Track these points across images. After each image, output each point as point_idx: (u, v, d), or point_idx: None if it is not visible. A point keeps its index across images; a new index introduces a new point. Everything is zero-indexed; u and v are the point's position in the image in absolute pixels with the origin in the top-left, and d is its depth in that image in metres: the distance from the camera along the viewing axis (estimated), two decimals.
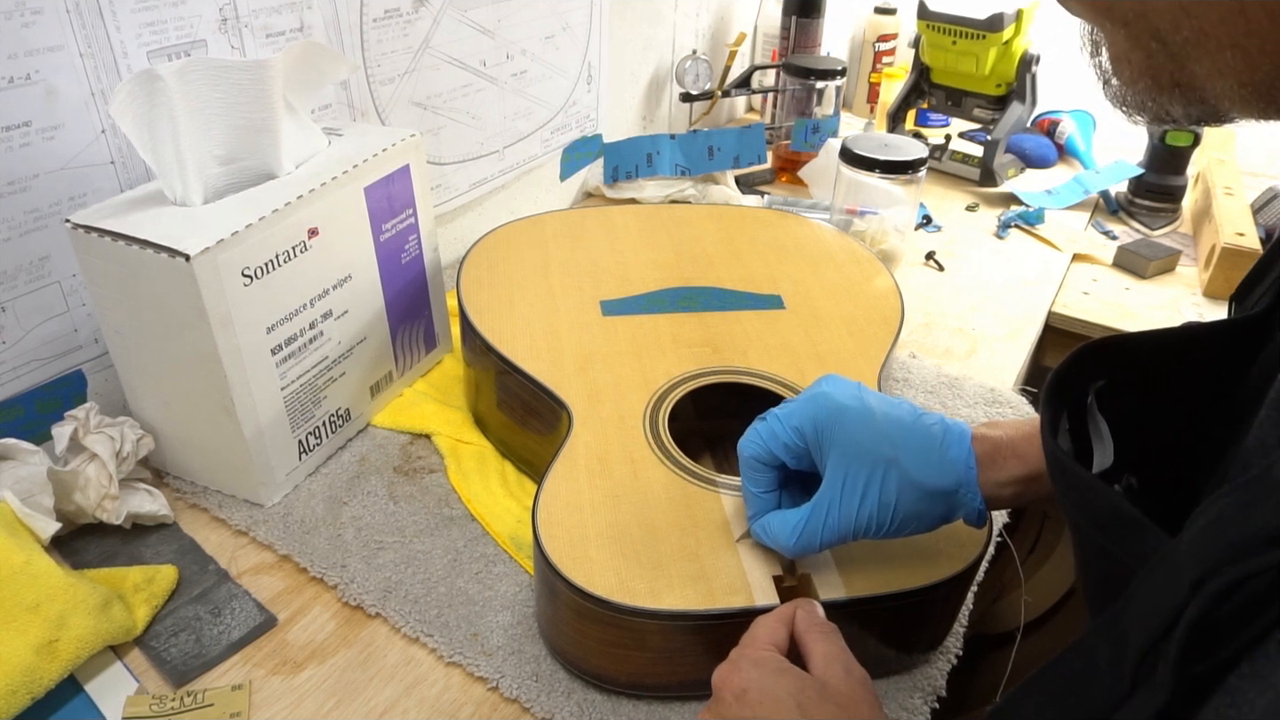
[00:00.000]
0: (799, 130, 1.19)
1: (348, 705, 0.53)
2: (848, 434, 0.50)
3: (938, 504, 0.50)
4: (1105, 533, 0.33)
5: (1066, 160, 1.33)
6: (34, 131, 0.62)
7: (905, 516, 0.49)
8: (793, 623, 0.47)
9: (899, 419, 0.50)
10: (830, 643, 0.45)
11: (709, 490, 0.57)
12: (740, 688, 0.43)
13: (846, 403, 0.51)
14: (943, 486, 0.49)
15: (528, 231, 0.85)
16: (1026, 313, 0.96)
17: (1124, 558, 0.31)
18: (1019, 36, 1.16)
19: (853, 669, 0.45)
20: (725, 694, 0.43)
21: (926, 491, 0.49)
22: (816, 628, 0.46)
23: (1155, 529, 0.30)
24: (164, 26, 0.67)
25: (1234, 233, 0.99)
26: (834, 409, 0.51)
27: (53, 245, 0.65)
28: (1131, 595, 0.29)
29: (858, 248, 0.86)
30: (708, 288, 0.78)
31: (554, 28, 1.04)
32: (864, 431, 0.50)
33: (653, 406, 0.64)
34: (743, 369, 0.68)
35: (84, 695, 0.53)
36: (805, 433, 0.51)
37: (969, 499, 0.50)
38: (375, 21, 0.83)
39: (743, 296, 0.77)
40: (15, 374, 0.66)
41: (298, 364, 0.65)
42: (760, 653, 0.45)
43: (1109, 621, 0.29)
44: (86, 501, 0.60)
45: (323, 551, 0.63)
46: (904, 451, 0.49)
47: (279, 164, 0.64)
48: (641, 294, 0.77)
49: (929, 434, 0.50)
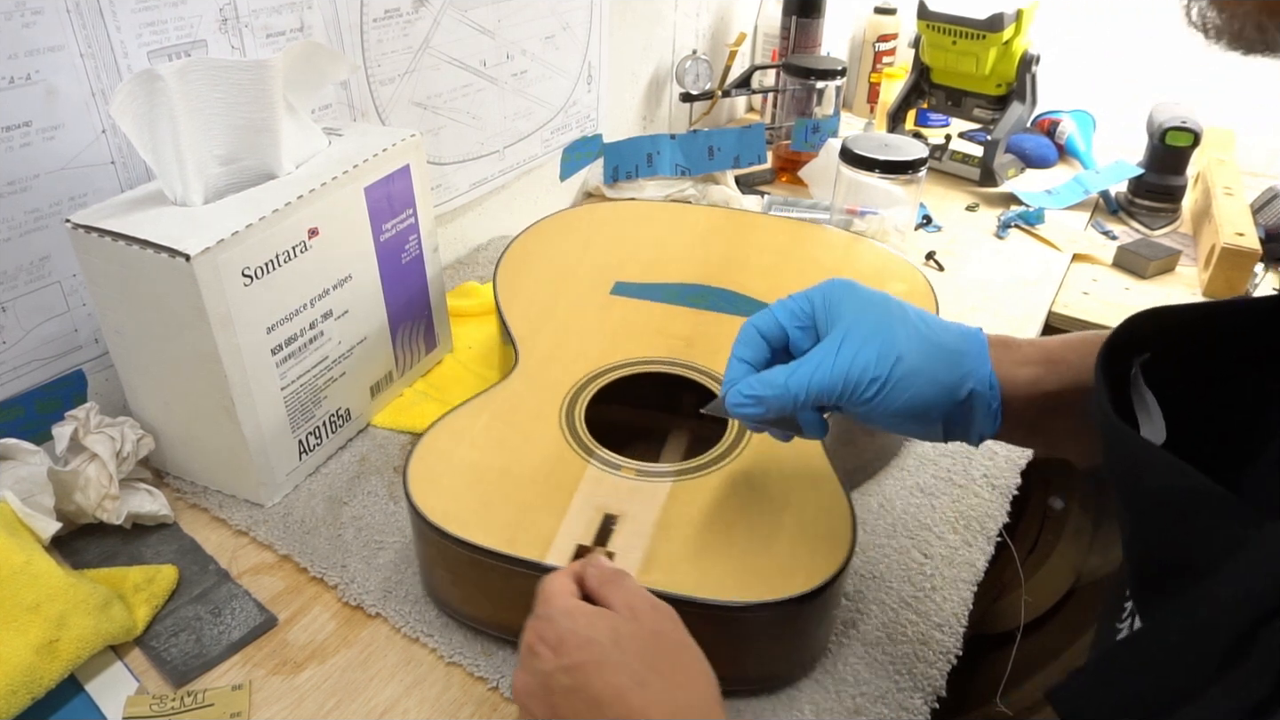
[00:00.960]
0: (799, 130, 1.19)
1: (348, 705, 0.53)
2: (858, 300, 0.48)
3: (944, 364, 0.46)
4: (1169, 510, 0.31)
5: (1066, 160, 1.33)
6: (34, 131, 0.62)
7: (907, 372, 0.45)
8: (583, 580, 0.46)
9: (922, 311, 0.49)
10: (625, 588, 0.45)
11: (581, 459, 0.59)
12: (556, 638, 0.42)
13: (857, 283, 0.50)
14: (950, 343, 0.47)
15: (609, 211, 0.90)
16: (1026, 313, 0.96)
17: (1189, 537, 0.30)
18: (1019, 36, 1.16)
19: (657, 604, 0.44)
20: (540, 648, 0.42)
21: (933, 347, 0.46)
22: (609, 579, 0.46)
23: (1245, 505, 0.29)
24: (164, 26, 0.67)
25: (1234, 233, 0.99)
26: (845, 284, 0.49)
27: (53, 245, 0.65)
28: (1222, 572, 0.27)
29: (918, 280, 0.79)
30: (725, 290, 0.77)
31: (554, 28, 1.04)
32: (873, 297, 0.48)
33: (589, 379, 0.66)
34: (696, 365, 0.68)
35: (84, 695, 0.53)
36: (814, 299, 0.49)
37: (978, 364, 0.47)
38: (375, 21, 0.83)
39: (753, 305, 0.76)
40: (16, 374, 0.66)
41: (298, 364, 0.65)
42: (567, 601, 0.44)
43: (1184, 600, 0.28)
44: (87, 501, 0.60)
45: (323, 551, 0.63)
46: (917, 317, 0.47)
47: (279, 164, 0.64)
48: (659, 283, 0.78)
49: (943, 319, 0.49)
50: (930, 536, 0.65)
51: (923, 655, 0.57)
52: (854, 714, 0.53)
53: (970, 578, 0.63)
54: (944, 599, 0.60)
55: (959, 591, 0.61)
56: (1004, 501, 0.69)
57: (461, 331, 0.86)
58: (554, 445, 0.60)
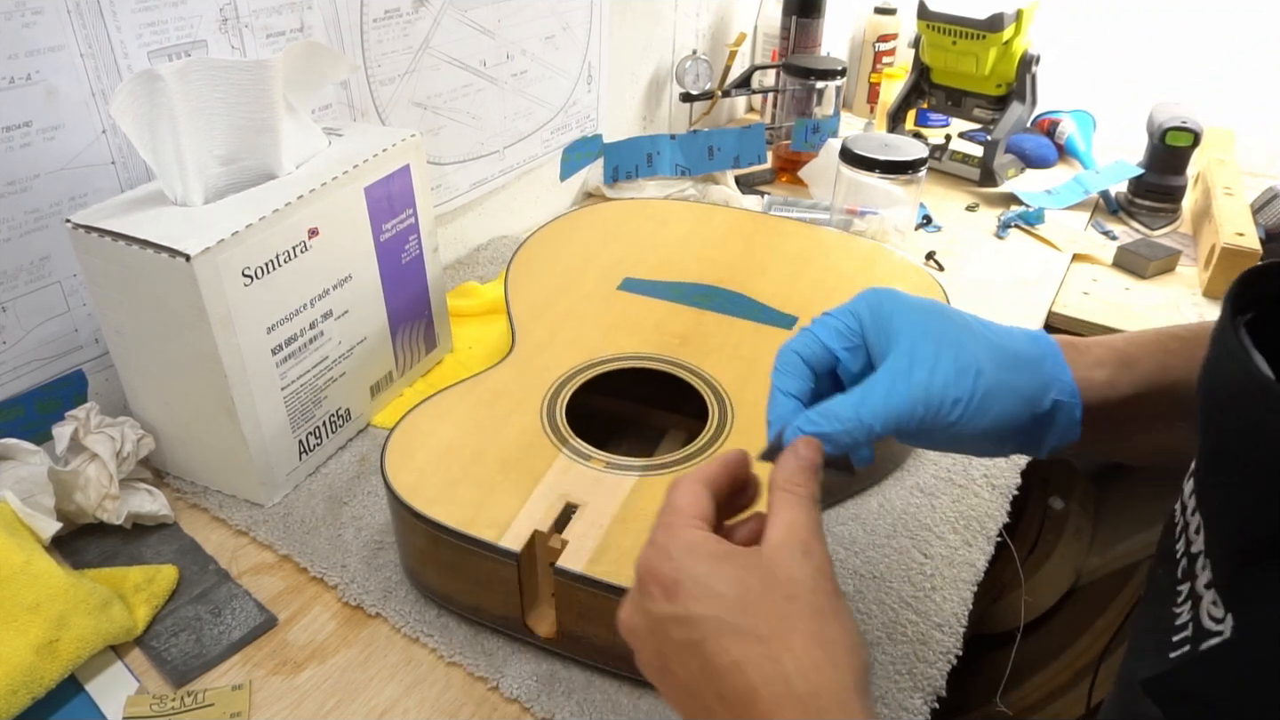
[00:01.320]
0: (799, 130, 1.19)
1: (348, 705, 0.53)
2: (912, 311, 0.43)
3: (1024, 373, 0.42)
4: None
5: (1066, 160, 1.33)
6: (34, 132, 0.62)
7: (990, 388, 0.40)
8: (731, 479, 0.40)
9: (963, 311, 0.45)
10: (798, 509, 0.37)
11: (554, 447, 0.60)
12: (671, 579, 0.35)
13: (900, 291, 0.44)
14: (1023, 350, 0.42)
15: (631, 209, 0.90)
16: (1026, 313, 0.96)
17: None
18: (1019, 36, 1.16)
19: (812, 550, 0.36)
20: (652, 587, 0.36)
21: (1009, 355, 0.42)
22: (791, 484, 0.38)
23: None
24: (164, 27, 0.67)
25: (1234, 233, 0.99)
26: (889, 294, 0.44)
27: (53, 245, 0.65)
28: None
29: (935, 292, 0.77)
30: (733, 292, 0.77)
31: (554, 28, 1.04)
32: (931, 308, 0.43)
33: (576, 370, 0.67)
34: (685, 363, 0.68)
35: (84, 695, 0.53)
36: (861, 315, 0.44)
37: (1058, 371, 0.43)
38: (375, 22, 0.83)
39: (759, 308, 0.75)
40: (16, 374, 0.66)
41: (298, 364, 0.65)
42: (691, 534, 0.37)
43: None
44: (87, 501, 0.60)
45: (323, 551, 0.63)
46: (977, 323, 0.43)
47: (279, 164, 0.64)
48: (667, 281, 0.78)
49: (999, 323, 0.44)
50: (930, 536, 0.65)
51: (923, 655, 0.57)
52: None
53: (970, 578, 0.63)
54: (944, 599, 0.60)
55: (959, 592, 0.61)
56: (1004, 501, 0.69)
57: (461, 332, 0.86)
58: (530, 432, 0.61)
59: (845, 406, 0.41)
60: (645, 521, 0.54)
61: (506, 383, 0.65)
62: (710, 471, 0.40)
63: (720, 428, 0.62)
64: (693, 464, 0.59)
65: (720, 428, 0.62)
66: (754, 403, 0.64)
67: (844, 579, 0.61)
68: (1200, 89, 1.30)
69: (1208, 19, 1.29)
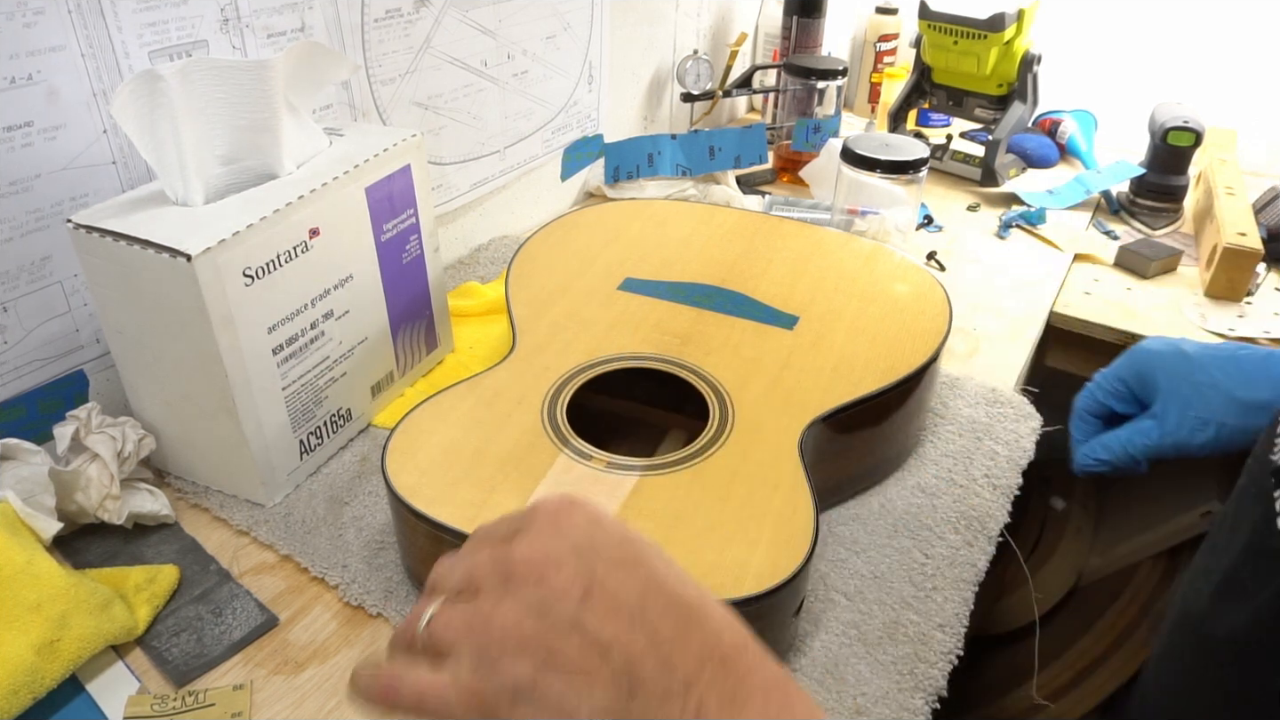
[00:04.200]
0: (800, 130, 1.19)
1: (349, 705, 0.53)
2: (1166, 370, 0.60)
3: (1262, 417, 0.53)
4: None
5: (1068, 160, 1.33)
6: (35, 132, 0.62)
7: (1230, 432, 0.56)
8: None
9: (1216, 351, 0.60)
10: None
11: (554, 446, 0.60)
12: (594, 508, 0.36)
13: (1159, 348, 0.62)
14: (1261, 398, 0.55)
15: (634, 209, 0.90)
16: (1028, 313, 0.96)
17: None
18: (1020, 36, 1.16)
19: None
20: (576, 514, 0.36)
21: (1245, 406, 0.55)
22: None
23: None
24: (165, 27, 0.67)
25: (1236, 233, 0.98)
26: (1147, 354, 0.62)
27: (54, 245, 0.65)
28: None
29: (937, 294, 0.76)
30: (734, 292, 0.77)
31: (555, 28, 1.04)
32: (1180, 364, 0.60)
33: (576, 371, 0.66)
34: (685, 363, 0.68)
35: (85, 695, 0.53)
36: (1126, 378, 0.63)
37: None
38: (376, 22, 0.83)
39: (760, 308, 0.75)
40: (17, 374, 0.66)
41: (299, 364, 0.65)
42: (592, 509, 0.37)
43: None
44: (88, 501, 0.60)
45: (324, 551, 0.63)
46: (1220, 373, 0.57)
47: (280, 164, 0.64)
48: (669, 281, 0.78)
49: (1251, 355, 0.58)
50: (931, 536, 0.65)
51: (924, 655, 0.57)
52: (855, 714, 0.53)
53: (972, 578, 0.63)
54: (945, 599, 0.60)
55: (960, 592, 0.61)
56: (1005, 501, 0.69)
57: (462, 332, 0.86)
58: (530, 431, 0.61)
59: (1116, 442, 0.63)
60: (646, 521, 0.54)
61: (507, 383, 0.65)
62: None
63: (721, 428, 0.62)
64: (693, 464, 0.59)
65: (721, 428, 0.62)
66: (754, 403, 0.64)
67: (845, 579, 0.61)
68: (1202, 88, 1.30)
69: (1209, 18, 1.29)
